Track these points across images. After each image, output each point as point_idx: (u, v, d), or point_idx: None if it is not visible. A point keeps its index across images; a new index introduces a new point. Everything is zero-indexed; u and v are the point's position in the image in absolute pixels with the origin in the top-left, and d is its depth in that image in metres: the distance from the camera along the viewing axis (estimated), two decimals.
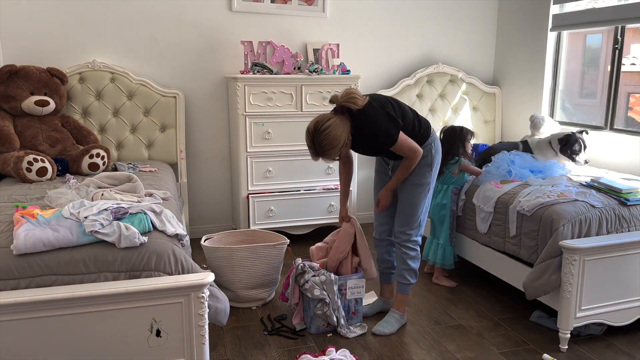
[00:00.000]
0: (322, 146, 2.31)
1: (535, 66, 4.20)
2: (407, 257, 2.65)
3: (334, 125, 2.30)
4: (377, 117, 2.37)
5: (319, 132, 2.29)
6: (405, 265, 2.66)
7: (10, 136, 3.14)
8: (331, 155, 2.35)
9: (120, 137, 3.65)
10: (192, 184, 3.99)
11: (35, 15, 3.47)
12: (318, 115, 2.36)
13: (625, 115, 3.84)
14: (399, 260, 2.69)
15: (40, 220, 2.01)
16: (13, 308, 1.74)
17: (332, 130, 2.28)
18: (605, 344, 2.56)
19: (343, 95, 2.36)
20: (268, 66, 3.68)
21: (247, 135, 3.65)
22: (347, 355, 2.32)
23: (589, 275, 2.44)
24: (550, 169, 3.14)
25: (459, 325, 2.76)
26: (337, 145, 2.31)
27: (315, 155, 2.37)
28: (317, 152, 2.34)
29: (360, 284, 2.68)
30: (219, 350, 2.49)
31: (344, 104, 2.34)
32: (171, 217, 2.23)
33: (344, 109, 2.35)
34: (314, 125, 2.32)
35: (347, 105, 2.34)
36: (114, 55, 3.67)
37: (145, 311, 1.89)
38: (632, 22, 3.44)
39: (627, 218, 2.66)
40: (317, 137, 2.30)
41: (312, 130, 2.32)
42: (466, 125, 4.45)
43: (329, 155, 2.35)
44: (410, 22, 4.35)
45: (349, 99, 2.34)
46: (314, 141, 2.32)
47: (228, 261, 2.81)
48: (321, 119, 2.32)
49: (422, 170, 2.56)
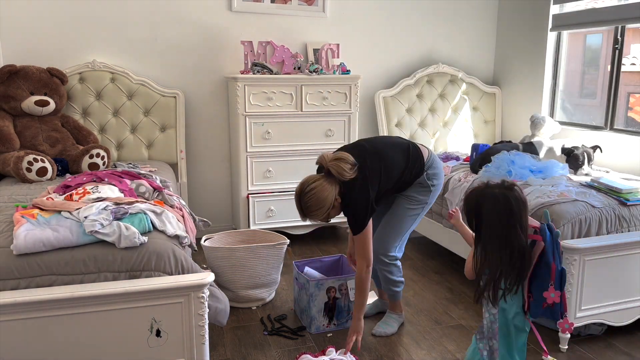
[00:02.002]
0: (308, 207, 2.28)
1: (535, 66, 4.20)
2: (386, 273, 2.60)
3: (320, 187, 2.26)
4: (358, 197, 2.30)
5: (304, 193, 2.27)
6: (389, 281, 2.62)
7: (10, 136, 3.14)
8: (317, 216, 2.31)
9: (120, 137, 3.65)
10: (192, 184, 3.99)
11: (35, 15, 3.47)
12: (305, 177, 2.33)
13: (625, 115, 3.84)
14: (381, 277, 2.64)
15: (40, 220, 2.01)
16: (13, 308, 1.75)
17: (317, 192, 2.25)
18: (605, 344, 2.56)
19: (331, 159, 2.28)
20: (268, 66, 3.68)
21: (247, 135, 3.65)
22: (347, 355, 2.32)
23: (589, 275, 2.44)
24: (550, 169, 3.13)
25: (459, 325, 2.76)
26: (322, 207, 2.27)
27: (302, 216, 2.34)
28: (305, 213, 2.32)
29: None
30: (219, 350, 2.49)
31: (330, 169, 2.27)
32: (172, 218, 2.24)
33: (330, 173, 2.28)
34: (300, 186, 2.30)
35: (332, 172, 2.27)
36: (114, 55, 3.67)
37: (145, 311, 1.89)
38: (632, 22, 3.44)
39: (627, 218, 2.66)
40: (303, 198, 2.28)
41: (298, 191, 2.30)
42: (466, 125, 4.46)
43: (314, 216, 2.31)
44: (411, 22, 4.35)
45: (335, 166, 2.26)
46: (300, 202, 2.30)
47: (228, 261, 2.81)
48: (307, 181, 2.30)
49: (419, 190, 2.51)
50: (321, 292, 2.62)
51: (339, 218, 3.89)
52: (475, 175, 3.28)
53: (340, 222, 4.00)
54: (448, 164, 3.72)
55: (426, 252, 3.83)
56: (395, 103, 4.24)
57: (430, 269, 3.52)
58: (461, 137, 4.44)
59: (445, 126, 4.40)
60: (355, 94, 3.85)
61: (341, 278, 2.67)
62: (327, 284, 2.64)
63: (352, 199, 2.31)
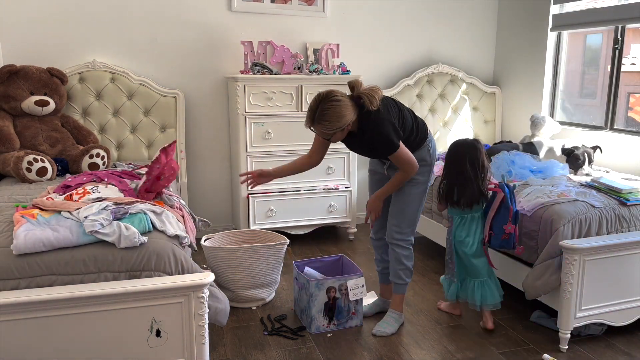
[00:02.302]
0: (324, 115, 2.26)
1: (535, 66, 4.20)
2: (402, 257, 2.65)
3: (345, 104, 2.27)
4: (383, 123, 2.35)
5: (328, 100, 2.26)
6: (401, 265, 2.66)
7: (10, 136, 3.14)
8: (326, 128, 2.29)
9: (120, 137, 3.65)
10: (192, 184, 3.99)
11: (35, 15, 3.47)
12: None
13: (625, 115, 3.84)
14: (394, 260, 2.68)
15: (40, 220, 2.01)
16: (13, 308, 1.74)
17: (340, 106, 2.25)
18: (605, 344, 2.56)
19: (366, 89, 2.33)
20: (268, 66, 3.68)
21: (247, 135, 3.65)
22: None
23: (589, 275, 2.44)
24: (550, 169, 3.13)
25: (459, 325, 2.76)
26: (337, 121, 2.27)
27: (311, 121, 2.31)
28: (315, 118, 2.28)
29: (360, 284, 2.68)
30: (219, 350, 2.49)
31: (362, 95, 2.31)
32: (172, 218, 2.23)
33: (358, 100, 2.33)
34: (327, 92, 2.28)
35: (364, 97, 2.30)
36: (114, 55, 3.67)
37: (145, 311, 1.89)
38: (632, 22, 3.44)
39: (627, 218, 2.66)
40: (324, 104, 2.25)
41: (323, 95, 2.28)
42: (466, 125, 4.46)
43: (324, 126, 2.29)
44: (410, 22, 4.35)
45: (369, 94, 2.30)
46: (318, 106, 2.26)
47: (228, 261, 2.81)
48: (336, 92, 2.29)
49: (420, 170, 2.55)
50: (321, 292, 2.62)
51: (340, 218, 3.95)
52: None
53: (340, 222, 4.00)
54: None
55: (426, 252, 3.83)
56: None
57: (430, 269, 3.52)
58: (461, 137, 4.43)
59: (445, 126, 4.40)
60: None
61: (341, 278, 2.67)
62: (327, 284, 2.64)
63: (380, 123, 2.33)
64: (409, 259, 2.67)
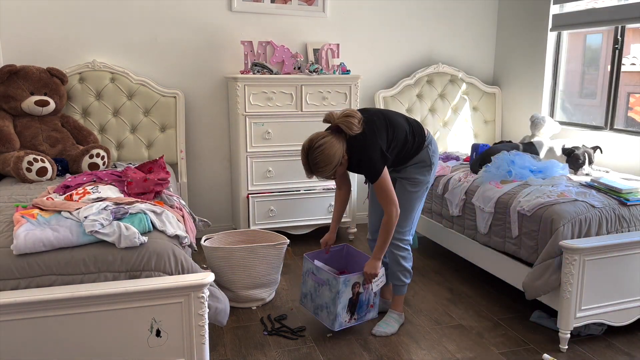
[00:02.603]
0: (316, 163, 2.32)
1: (535, 66, 4.20)
2: (399, 258, 2.66)
3: (329, 143, 2.31)
4: (369, 147, 2.37)
5: (312, 149, 2.30)
6: (399, 267, 2.67)
7: (10, 136, 3.14)
8: (324, 173, 2.35)
9: (120, 137, 3.65)
10: (192, 184, 3.99)
11: (35, 15, 3.47)
12: (313, 133, 2.37)
13: (625, 115, 3.84)
14: (392, 261, 2.69)
15: (40, 220, 2.01)
16: (13, 308, 1.74)
17: (326, 148, 2.29)
18: (605, 344, 2.56)
19: (340, 116, 2.35)
20: (268, 66, 3.68)
21: (247, 135, 3.65)
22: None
23: (589, 275, 2.44)
24: (551, 169, 3.13)
25: (459, 325, 2.76)
26: (330, 163, 2.31)
27: (309, 172, 2.38)
28: (311, 169, 2.35)
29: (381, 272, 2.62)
30: (219, 350, 2.49)
31: (339, 125, 2.34)
32: (172, 218, 2.23)
33: (339, 129, 2.35)
34: (309, 142, 2.33)
35: (341, 126, 2.34)
36: (114, 55, 3.67)
37: (145, 311, 1.89)
38: (632, 22, 3.44)
39: (627, 218, 2.66)
40: (311, 154, 2.31)
41: (306, 147, 2.33)
42: (466, 125, 4.47)
43: (322, 172, 2.35)
44: (410, 22, 4.35)
45: (345, 122, 2.33)
46: (307, 158, 2.33)
47: (228, 261, 2.81)
48: (316, 137, 2.33)
49: (420, 170, 2.56)
50: (348, 288, 2.56)
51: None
52: (475, 175, 3.28)
53: (340, 222, 3.99)
54: (448, 163, 3.72)
55: (426, 252, 3.83)
56: (395, 103, 4.24)
57: (430, 269, 3.52)
58: (461, 137, 4.44)
59: (445, 126, 4.40)
60: (355, 94, 3.85)
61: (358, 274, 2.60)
62: (353, 280, 2.56)
63: (365, 147, 2.37)
64: (407, 260, 2.68)
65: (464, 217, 3.19)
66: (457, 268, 3.52)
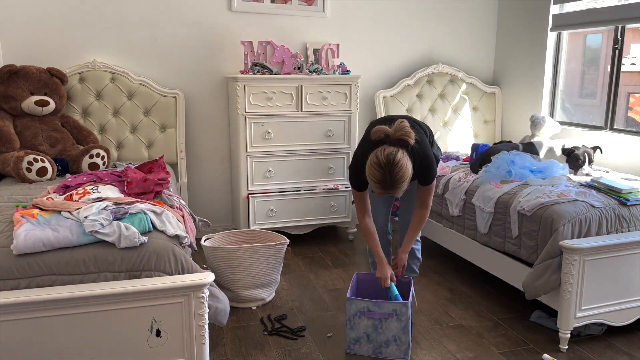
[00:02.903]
0: (398, 179, 2.21)
1: (535, 66, 4.20)
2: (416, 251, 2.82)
3: (404, 158, 2.23)
4: (426, 151, 2.42)
5: (394, 165, 2.19)
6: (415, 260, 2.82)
7: (10, 136, 3.14)
8: (403, 187, 2.26)
9: (120, 137, 3.65)
10: (192, 184, 3.99)
11: (35, 15, 3.47)
12: (377, 149, 2.25)
13: (625, 115, 3.84)
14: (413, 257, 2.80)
15: (40, 220, 2.01)
16: (13, 308, 1.75)
17: (405, 163, 2.22)
18: (605, 344, 2.56)
19: (397, 130, 2.27)
20: (268, 66, 3.68)
21: (247, 135, 3.65)
22: None
23: (589, 275, 2.44)
24: (550, 169, 3.13)
25: (459, 325, 2.76)
26: (408, 177, 2.25)
27: (386, 189, 2.25)
28: (391, 185, 2.23)
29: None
30: (219, 350, 2.49)
31: (402, 138, 2.26)
32: (172, 218, 2.23)
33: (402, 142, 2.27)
34: (386, 158, 2.20)
35: (405, 139, 2.26)
36: (114, 55, 3.67)
37: (145, 311, 1.89)
38: (632, 22, 3.44)
39: (627, 218, 2.66)
40: (393, 170, 2.19)
41: (384, 163, 2.20)
42: (466, 125, 4.47)
43: (401, 187, 2.25)
44: (410, 22, 4.35)
45: (404, 133, 2.25)
46: (389, 175, 2.20)
47: (228, 261, 2.81)
48: (389, 152, 2.21)
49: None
50: None
51: (340, 218, 3.94)
52: (475, 175, 3.28)
53: (340, 222, 4.00)
54: (448, 163, 3.72)
55: (426, 252, 3.82)
56: (395, 103, 4.24)
57: (430, 269, 3.52)
58: (461, 137, 4.44)
59: (445, 126, 4.40)
60: (355, 94, 3.85)
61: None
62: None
63: (425, 153, 2.42)
64: (420, 251, 2.82)
65: (464, 217, 3.19)
66: (457, 268, 3.52)
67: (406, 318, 2.37)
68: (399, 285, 2.61)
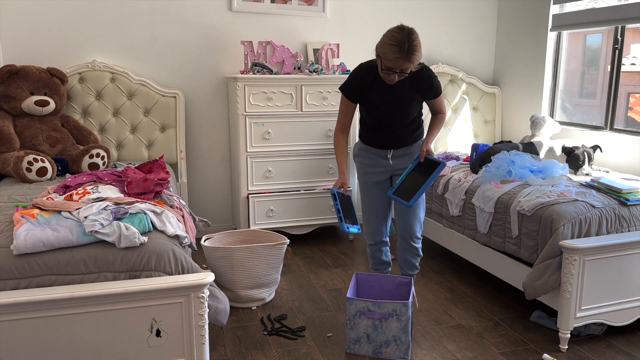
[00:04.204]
0: (414, 45, 2.26)
1: (535, 66, 4.20)
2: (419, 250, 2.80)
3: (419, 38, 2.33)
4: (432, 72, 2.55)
5: (412, 32, 2.27)
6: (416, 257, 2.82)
7: (10, 136, 3.15)
8: (417, 58, 2.31)
9: (120, 137, 3.65)
10: (192, 184, 3.99)
11: (35, 15, 3.47)
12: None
13: (625, 115, 3.84)
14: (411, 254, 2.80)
15: (40, 220, 2.01)
16: (13, 308, 1.75)
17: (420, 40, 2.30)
18: (605, 344, 2.56)
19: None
20: (268, 66, 3.68)
21: (247, 135, 3.65)
22: None
23: (589, 275, 2.44)
24: (550, 169, 3.13)
25: (459, 325, 2.76)
26: (421, 54, 2.32)
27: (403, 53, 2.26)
28: (407, 50, 2.26)
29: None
30: (219, 350, 2.49)
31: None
32: (172, 218, 2.23)
33: None
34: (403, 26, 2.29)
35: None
36: (114, 55, 3.67)
37: (145, 311, 1.89)
38: (632, 22, 3.44)
39: (627, 218, 2.66)
40: (411, 35, 2.27)
41: (406, 29, 2.28)
42: (466, 125, 4.47)
43: (416, 57, 2.30)
44: (410, 22, 4.30)
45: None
46: (406, 37, 2.25)
47: (228, 261, 2.81)
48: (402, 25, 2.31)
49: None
50: None
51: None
52: (475, 175, 3.28)
53: None
54: (448, 164, 3.72)
55: (426, 252, 3.82)
56: None
57: (430, 269, 3.52)
58: (461, 137, 4.44)
59: (445, 126, 4.40)
60: None
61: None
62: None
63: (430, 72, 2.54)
64: (420, 253, 2.84)
65: (464, 217, 3.19)
66: (457, 268, 3.52)
67: (406, 318, 2.37)
68: (399, 286, 2.62)
